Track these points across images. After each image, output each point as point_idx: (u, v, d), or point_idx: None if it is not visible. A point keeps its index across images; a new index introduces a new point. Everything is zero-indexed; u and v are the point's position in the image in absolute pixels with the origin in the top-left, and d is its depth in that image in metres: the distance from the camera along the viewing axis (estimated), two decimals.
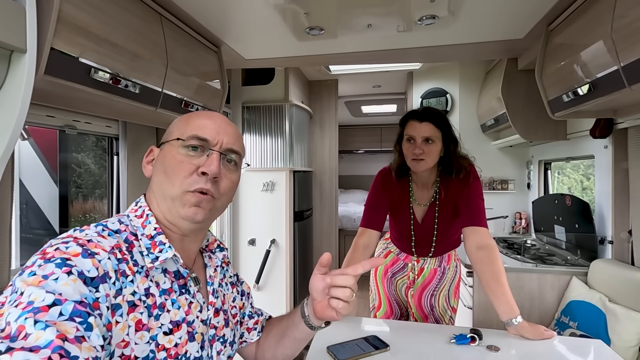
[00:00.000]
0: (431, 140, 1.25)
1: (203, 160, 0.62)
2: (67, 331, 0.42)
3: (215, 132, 0.64)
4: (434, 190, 1.37)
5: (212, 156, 0.63)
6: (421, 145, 1.24)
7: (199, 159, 0.62)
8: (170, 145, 0.64)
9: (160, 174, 0.63)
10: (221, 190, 0.64)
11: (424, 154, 1.24)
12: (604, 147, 1.79)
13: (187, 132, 0.63)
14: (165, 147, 0.65)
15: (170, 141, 0.64)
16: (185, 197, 0.61)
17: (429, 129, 1.25)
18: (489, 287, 1.17)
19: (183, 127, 0.65)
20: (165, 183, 0.62)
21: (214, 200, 0.63)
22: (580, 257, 1.93)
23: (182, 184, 0.61)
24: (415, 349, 1.06)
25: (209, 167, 0.61)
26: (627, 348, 1.39)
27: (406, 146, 1.29)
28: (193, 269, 0.68)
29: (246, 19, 1.53)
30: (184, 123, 0.66)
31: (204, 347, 0.64)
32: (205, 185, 0.61)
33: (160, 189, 0.63)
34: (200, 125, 0.64)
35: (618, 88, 1.08)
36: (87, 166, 1.68)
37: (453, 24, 1.55)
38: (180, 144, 0.62)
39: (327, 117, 3.42)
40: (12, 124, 0.78)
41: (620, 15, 1.02)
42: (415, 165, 1.27)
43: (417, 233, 1.41)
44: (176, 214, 0.62)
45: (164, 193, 0.62)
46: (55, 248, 0.50)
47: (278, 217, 2.69)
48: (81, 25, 0.95)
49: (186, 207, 0.61)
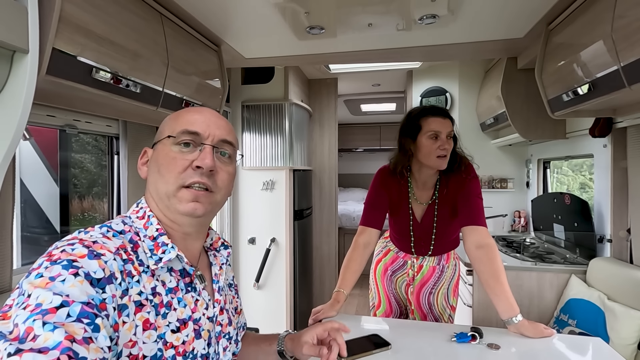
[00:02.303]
0: (451, 136, 1.27)
1: (196, 155, 0.62)
2: (75, 332, 0.42)
3: (206, 125, 0.64)
4: (434, 189, 1.37)
5: (205, 150, 0.62)
6: (448, 141, 1.25)
7: (192, 154, 0.62)
8: (162, 144, 0.64)
9: (154, 173, 0.64)
10: (219, 183, 0.64)
11: (447, 150, 1.24)
12: (603, 146, 1.80)
13: (177, 128, 0.63)
14: (157, 147, 0.65)
15: (162, 140, 0.64)
16: (180, 193, 0.61)
17: (450, 125, 1.26)
18: (488, 286, 1.18)
19: (173, 124, 0.65)
20: (159, 181, 0.62)
21: (212, 194, 0.63)
22: (579, 255, 1.94)
23: (177, 179, 0.61)
24: (416, 347, 1.06)
25: (203, 161, 0.61)
26: (625, 346, 1.40)
27: (429, 142, 1.25)
28: (198, 267, 0.68)
29: (246, 18, 1.53)
30: (174, 120, 0.66)
31: (210, 344, 0.65)
32: (201, 179, 0.61)
33: (155, 188, 0.63)
34: (189, 120, 0.64)
35: (618, 88, 1.08)
36: (83, 165, 1.68)
37: (453, 23, 1.55)
38: (171, 141, 0.62)
39: (326, 115, 3.42)
40: (15, 124, 0.78)
41: (621, 15, 1.02)
42: (442, 162, 1.25)
43: (416, 232, 1.41)
44: (175, 211, 0.62)
45: (159, 191, 0.62)
46: (61, 250, 0.50)
47: (278, 215, 2.70)
48: (82, 24, 0.95)
49: (183, 202, 0.61)
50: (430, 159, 1.26)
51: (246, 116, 2.78)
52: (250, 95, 2.79)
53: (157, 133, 0.68)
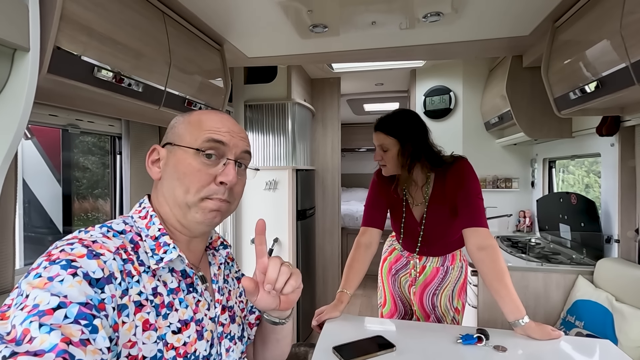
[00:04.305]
0: (385, 148, 1.31)
1: (220, 169, 0.62)
2: (72, 334, 0.42)
3: (230, 135, 0.64)
4: (426, 189, 1.36)
5: (229, 165, 0.63)
6: (379, 153, 1.33)
7: (215, 168, 0.62)
8: (184, 151, 0.62)
9: (172, 179, 0.62)
10: (235, 194, 0.66)
11: (383, 160, 1.32)
12: (610, 145, 1.77)
13: (200, 136, 0.62)
14: (177, 152, 0.63)
15: (183, 147, 0.62)
16: (203, 204, 0.61)
17: (381, 137, 1.31)
18: (492, 288, 1.16)
19: (195, 131, 0.63)
20: (179, 190, 0.61)
21: (229, 204, 0.65)
22: (586, 256, 1.91)
23: (199, 192, 0.61)
24: (421, 349, 1.05)
25: (227, 177, 0.61)
26: (634, 348, 1.38)
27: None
28: (200, 268, 0.68)
29: (249, 16, 1.52)
30: (196, 127, 0.63)
31: (213, 345, 0.64)
32: (223, 196, 0.62)
33: (172, 195, 0.62)
34: (212, 127, 0.63)
35: (627, 85, 1.06)
36: (86, 165, 1.68)
37: (457, 21, 1.53)
38: (194, 151, 0.61)
39: (329, 115, 3.41)
40: (16, 123, 0.77)
41: (630, 11, 1.00)
42: (383, 171, 1.35)
43: (416, 232, 1.40)
44: (192, 219, 0.62)
45: (178, 200, 0.61)
46: (60, 249, 0.49)
47: (281, 215, 2.69)
48: (84, 23, 0.94)
49: (206, 212, 0.61)
50: None
51: (249, 116, 2.77)
52: (253, 95, 2.78)
53: (173, 134, 0.65)
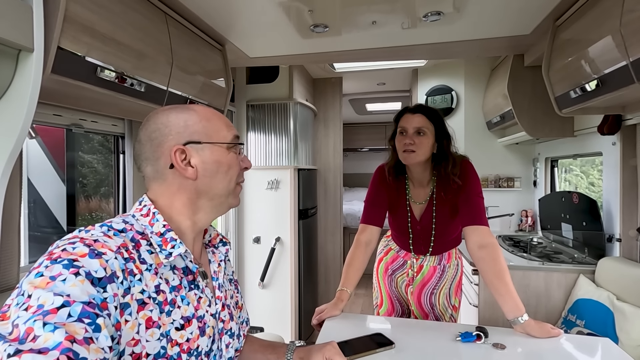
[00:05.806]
0: (422, 132, 1.24)
1: (241, 157, 0.73)
2: (75, 332, 0.42)
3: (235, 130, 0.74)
4: (430, 188, 1.36)
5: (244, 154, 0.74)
6: (412, 136, 1.24)
7: (240, 157, 0.73)
8: (219, 147, 0.69)
9: (215, 174, 0.67)
10: None
11: (414, 145, 1.23)
12: (612, 144, 1.77)
13: (229, 135, 0.70)
14: (211, 149, 0.67)
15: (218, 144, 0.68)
16: (237, 189, 0.73)
17: (421, 120, 1.25)
18: (492, 286, 1.17)
19: (223, 131, 0.70)
20: (223, 182, 0.68)
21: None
22: (587, 255, 1.91)
23: (233, 179, 0.70)
24: (420, 346, 1.05)
25: (248, 163, 0.75)
26: (635, 347, 1.38)
27: (398, 139, 1.27)
28: (201, 263, 0.69)
29: (250, 17, 1.53)
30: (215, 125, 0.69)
31: (214, 341, 0.65)
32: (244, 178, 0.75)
33: (215, 188, 0.68)
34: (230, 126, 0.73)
35: (627, 83, 1.06)
36: (90, 165, 1.69)
37: (458, 20, 1.54)
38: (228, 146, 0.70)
39: (331, 115, 3.41)
40: (20, 122, 0.79)
41: (630, 9, 1.00)
42: (406, 157, 1.25)
43: (415, 231, 1.40)
44: (227, 206, 0.71)
45: (219, 191, 0.68)
46: (62, 249, 0.49)
47: (283, 215, 2.70)
48: (87, 24, 0.96)
49: (237, 195, 0.73)
50: (400, 154, 1.28)
51: (251, 116, 2.79)
52: (255, 95, 2.79)
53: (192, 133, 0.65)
